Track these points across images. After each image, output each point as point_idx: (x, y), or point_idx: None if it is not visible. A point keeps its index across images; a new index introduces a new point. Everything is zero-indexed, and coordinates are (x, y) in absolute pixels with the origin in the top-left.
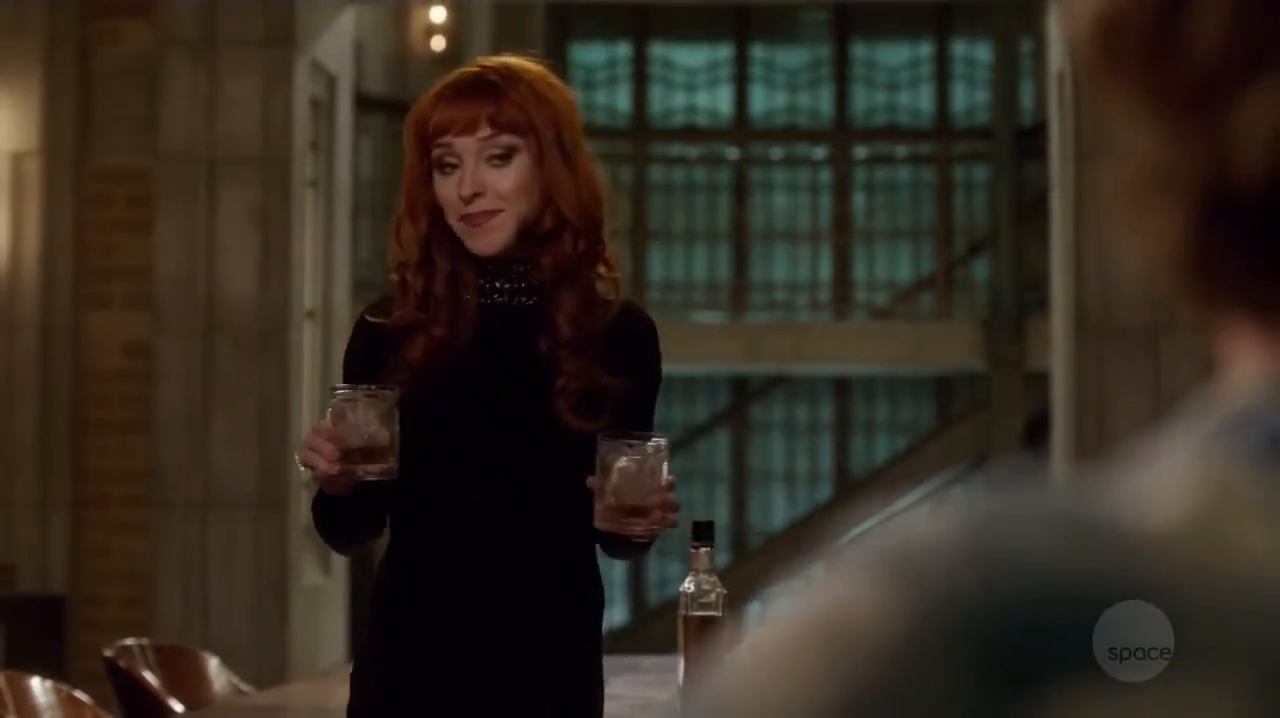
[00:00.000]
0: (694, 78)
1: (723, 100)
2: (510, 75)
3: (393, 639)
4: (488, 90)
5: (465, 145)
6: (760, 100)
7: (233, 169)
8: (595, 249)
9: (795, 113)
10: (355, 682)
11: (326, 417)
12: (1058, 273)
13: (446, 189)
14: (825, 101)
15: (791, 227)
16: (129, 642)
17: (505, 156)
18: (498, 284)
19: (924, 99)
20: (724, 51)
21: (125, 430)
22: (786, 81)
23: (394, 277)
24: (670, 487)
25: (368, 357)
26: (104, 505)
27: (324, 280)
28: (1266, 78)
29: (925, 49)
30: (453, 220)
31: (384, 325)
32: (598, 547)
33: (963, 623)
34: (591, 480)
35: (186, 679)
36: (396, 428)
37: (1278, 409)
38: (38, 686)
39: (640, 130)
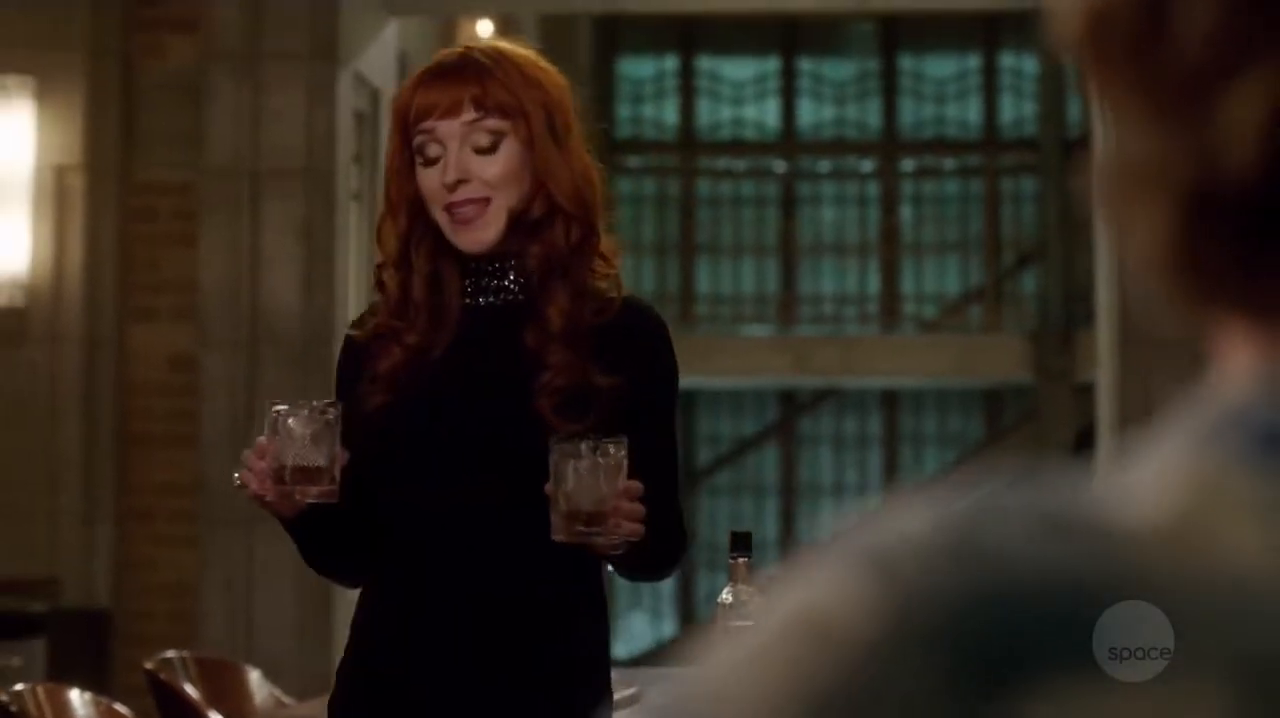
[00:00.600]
0: (741, 91)
1: (770, 113)
2: (497, 56)
3: (383, 637)
4: (473, 71)
5: (448, 130)
6: (808, 113)
7: (277, 182)
8: (589, 240)
9: (843, 126)
10: (341, 677)
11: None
12: (1103, 285)
13: (429, 180)
14: (873, 114)
15: (839, 240)
16: (170, 654)
17: (492, 146)
18: (483, 283)
19: (971, 111)
20: (771, 64)
21: (170, 444)
22: (834, 94)
23: (375, 280)
24: (633, 493)
25: (350, 372)
26: (149, 519)
27: (368, 293)
28: (1253, 71)
29: (973, 61)
30: (437, 214)
31: (359, 339)
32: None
33: (940, 620)
34: (548, 487)
35: (228, 692)
36: (337, 447)
37: (1270, 407)
38: (77, 698)
39: (688, 144)
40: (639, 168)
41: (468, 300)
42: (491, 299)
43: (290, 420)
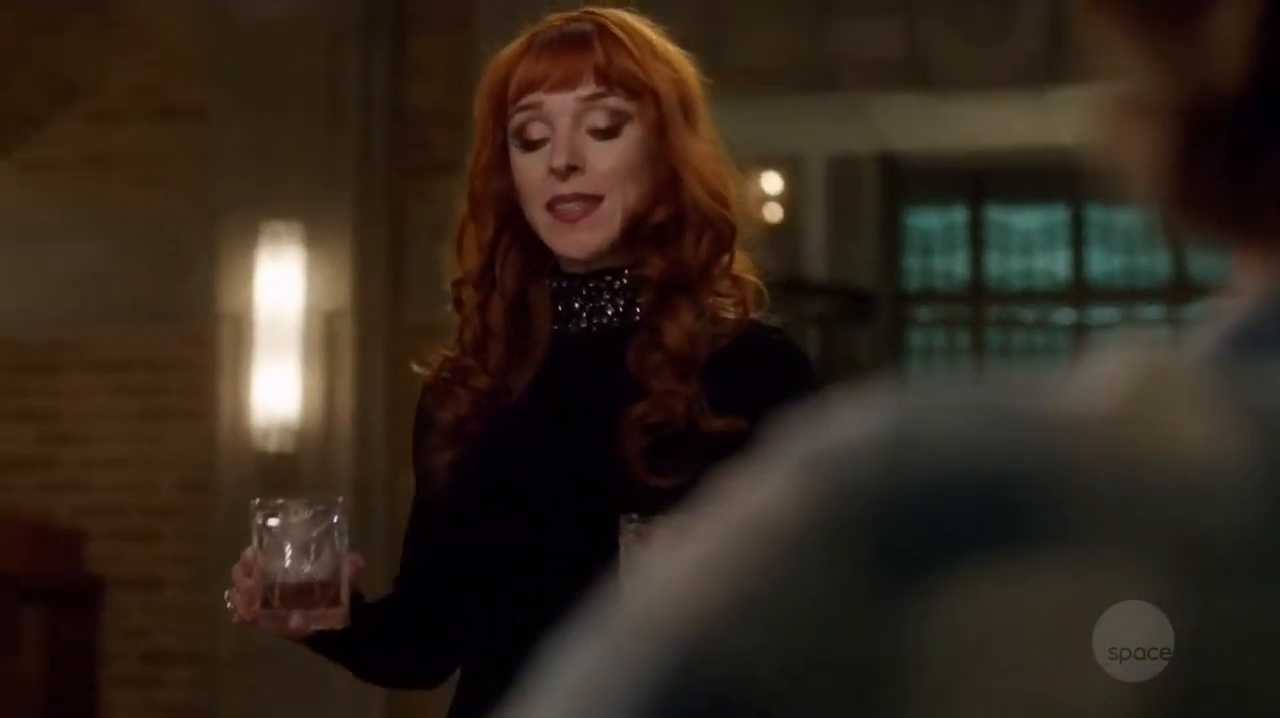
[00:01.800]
0: (1030, 241)
1: (1059, 263)
2: (624, 24)
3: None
4: (595, 36)
5: (560, 104)
6: (1098, 262)
7: None
8: (720, 255)
9: (1133, 274)
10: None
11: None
12: None
13: (529, 168)
14: (1161, 262)
15: None
16: None
17: (613, 129)
18: (578, 306)
19: None
20: (1060, 214)
21: None
22: (1123, 243)
23: (451, 298)
24: None
25: (421, 425)
26: None
27: None
28: None
29: None
30: (535, 211)
31: (429, 380)
32: None
33: (860, 508)
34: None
35: None
36: (343, 557)
37: (1256, 314)
38: None
39: (977, 294)
40: (929, 320)
41: (556, 327)
42: (585, 325)
43: (278, 526)
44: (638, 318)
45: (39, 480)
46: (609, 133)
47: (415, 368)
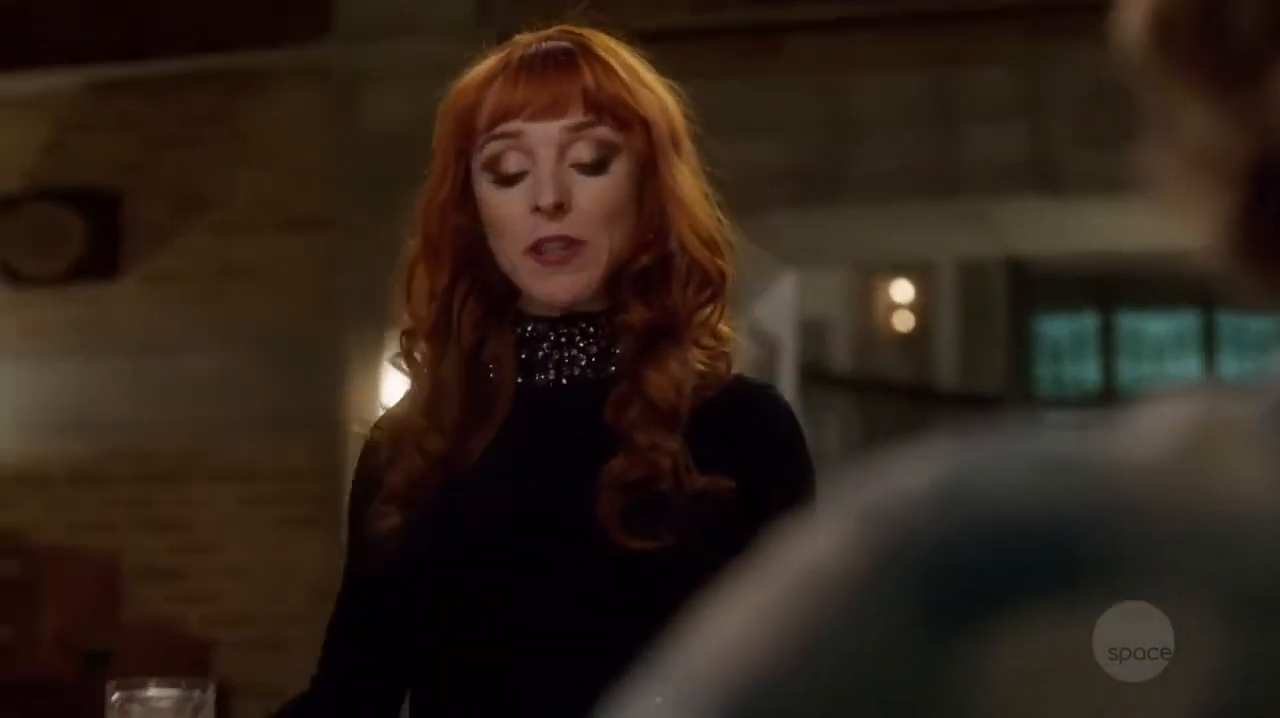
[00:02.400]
0: (1161, 346)
1: (1192, 368)
2: (604, 43)
3: None
4: (584, 59)
5: (544, 134)
6: (1230, 367)
7: None
8: (706, 306)
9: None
10: None
11: None
12: None
13: (505, 204)
14: None
15: None
16: None
17: (599, 163)
18: (544, 355)
19: None
20: (1191, 320)
21: None
22: (1255, 347)
23: (399, 348)
24: None
25: (366, 485)
26: None
27: None
28: None
29: None
30: (512, 254)
31: (378, 441)
32: None
33: (917, 555)
34: None
35: None
36: None
37: None
38: None
39: (1109, 401)
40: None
41: (520, 379)
42: (554, 376)
43: (139, 709)
44: (613, 369)
45: (170, 590)
46: (595, 167)
47: (356, 429)
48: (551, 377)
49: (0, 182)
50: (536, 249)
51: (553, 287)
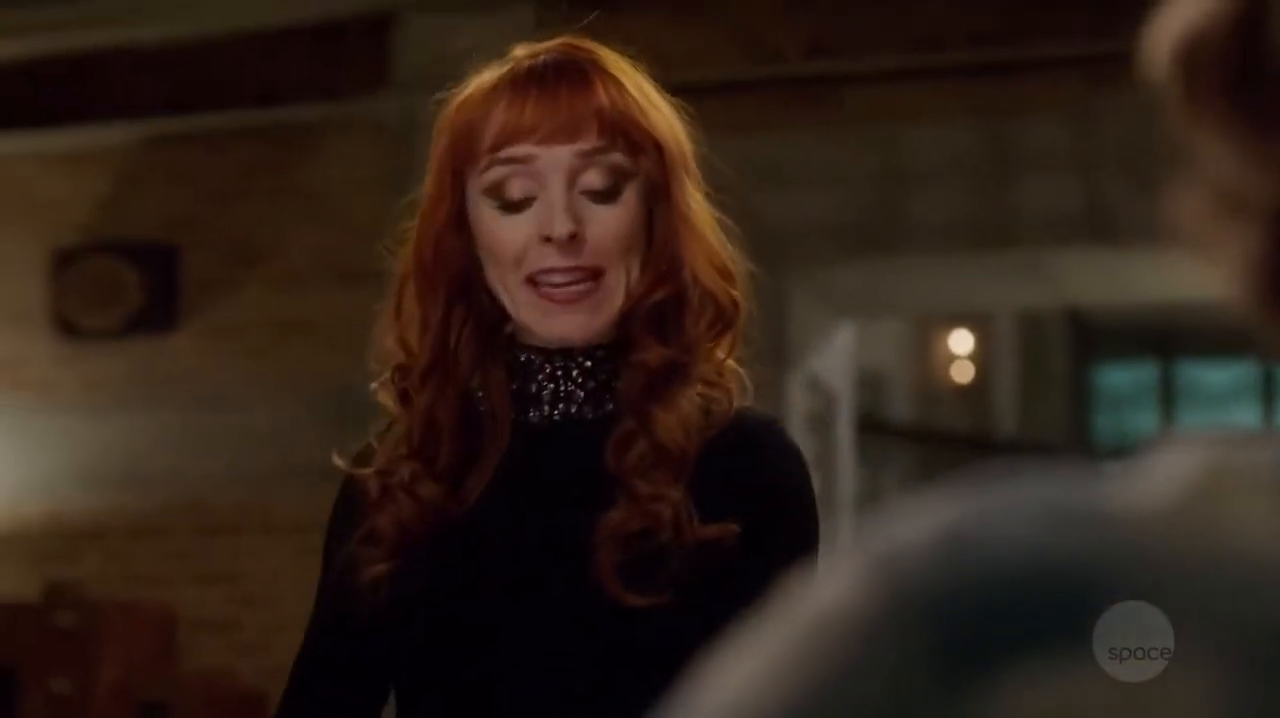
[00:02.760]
0: (1221, 396)
1: (1251, 418)
2: (612, 59)
3: None
4: (597, 77)
5: (555, 160)
6: None
7: None
8: (719, 339)
9: None
10: None
11: None
12: None
13: (508, 232)
14: None
15: None
16: None
17: (612, 191)
18: (537, 389)
19: None
20: (1250, 369)
21: None
22: None
23: (384, 382)
24: None
25: (346, 524)
26: None
27: None
28: None
29: None
30: (511, 286)
31: (363, 480)
32: None
33: (926, 603)
34: None
35: None
36: None
37: None
38: None
39: None
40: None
41: (520, 417)
42: (548, 412)
43: None
44: (610, 407)
45: (225, 642)
46: (608, 195)
47: (336, 460)
48: (545, 412)
49: (58, 235)
50: (536, 281)
51: (562, 325)
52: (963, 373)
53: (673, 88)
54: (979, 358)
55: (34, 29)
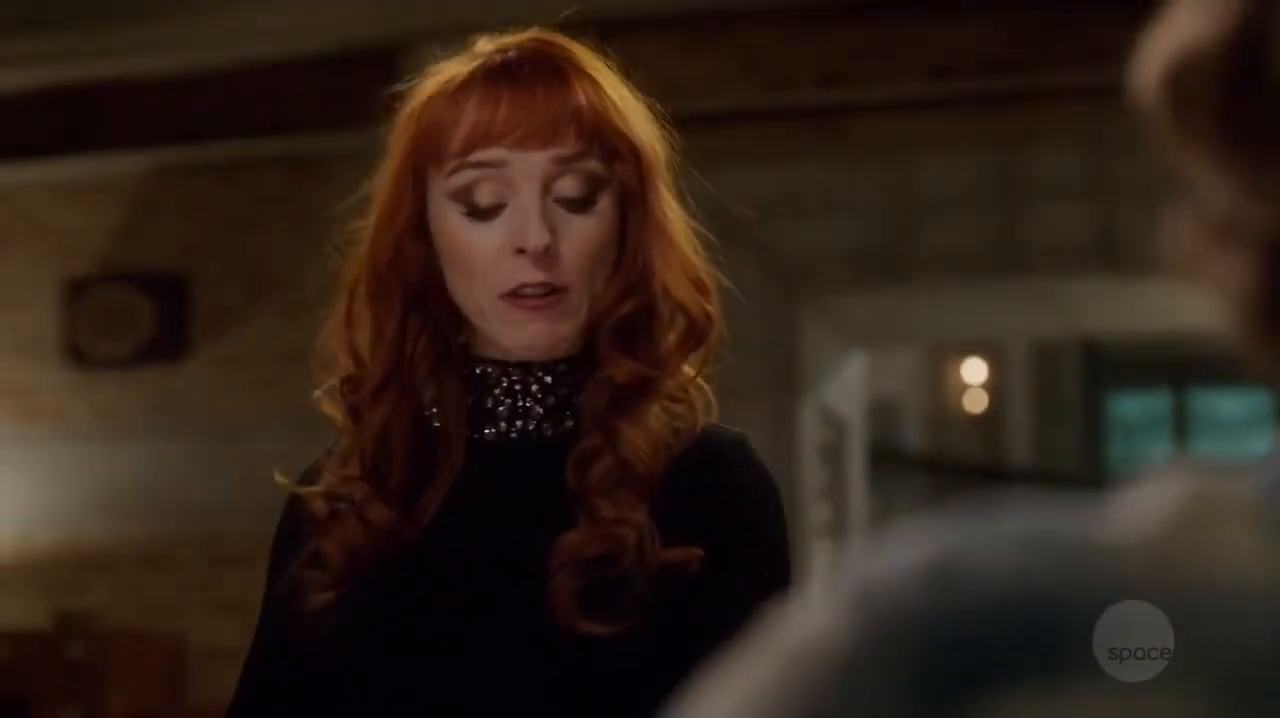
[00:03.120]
0: (1235, 425)
1: (1264, 447)
2: (587, 55)
3: None
4: (575, 76)
5: (529, 166)
6: None
7: None
8: (688, 355)
9: None
10: None
11: None
12: None
13: (478, 241)
14: None
15: None
16: None
17: (586, 200)
18: (493, 403)
19: None
20: (1264, 398)
21: None
22: None
23: (330, 391)
24: None
25: (291, 545)
26: None
27: None
28: None
29: None
30: (482, 297)
31: (309, 499)
32: None
33: (905, 637)
34: None
35: None
36: None
37: None
38: None
39: None
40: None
41: (477, 434)
42: (505, 429)
43: None
44: (570, 424)
45: (236, 672)
46: (583, 204)
47: (279, 478)
48: (502, 429)
49: (70, 264)
50: (515, 294)
51: (528, 336)
52: (975, 402)
53: (685, 117)
54: (992, 387)
55: (47, 59)
